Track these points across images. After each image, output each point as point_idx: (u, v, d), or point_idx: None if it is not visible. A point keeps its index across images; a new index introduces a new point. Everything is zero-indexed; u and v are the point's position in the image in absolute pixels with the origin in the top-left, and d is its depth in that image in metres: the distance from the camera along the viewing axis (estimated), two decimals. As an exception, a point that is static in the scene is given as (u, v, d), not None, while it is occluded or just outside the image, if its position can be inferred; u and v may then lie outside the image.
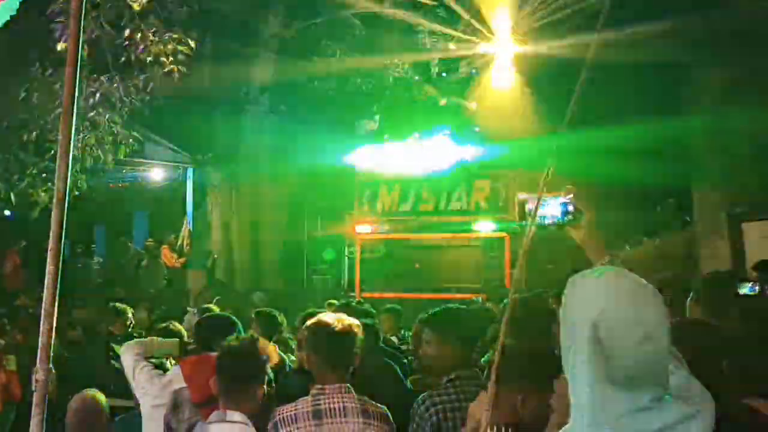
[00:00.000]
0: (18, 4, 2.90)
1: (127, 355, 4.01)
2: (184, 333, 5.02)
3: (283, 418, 2.94)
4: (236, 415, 2.90)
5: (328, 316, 3.35)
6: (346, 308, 4.79)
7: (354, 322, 3.23)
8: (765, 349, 3.00)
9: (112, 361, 6.61)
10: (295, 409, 2.96)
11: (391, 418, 3.06)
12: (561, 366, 1.75)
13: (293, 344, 4.99)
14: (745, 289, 5.70)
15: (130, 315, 7.12)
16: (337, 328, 3.11)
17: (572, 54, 8.50)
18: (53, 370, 1.69)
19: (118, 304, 7.33)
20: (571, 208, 10.49)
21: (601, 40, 2.15)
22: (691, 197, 9.33)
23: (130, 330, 7.10)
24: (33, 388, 1.67)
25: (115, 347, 6.82)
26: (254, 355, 3.07)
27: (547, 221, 10.45)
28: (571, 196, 10.45)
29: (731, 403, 2.64)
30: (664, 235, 10.17)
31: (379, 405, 3.06)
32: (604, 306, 1.64)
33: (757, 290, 5.69)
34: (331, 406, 2.94)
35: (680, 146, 9.05)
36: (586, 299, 1.68)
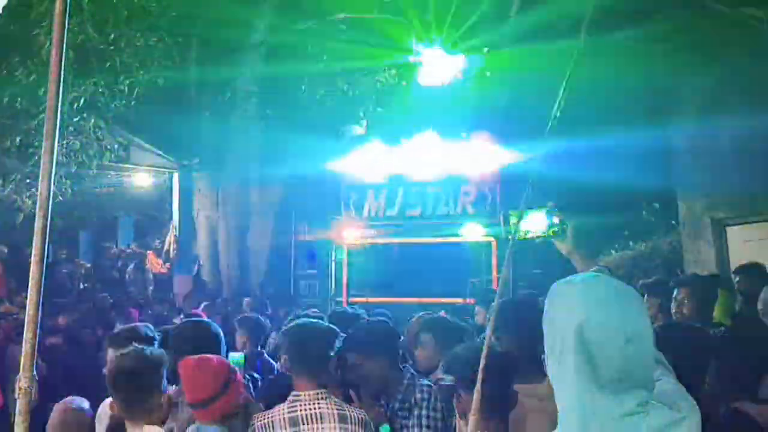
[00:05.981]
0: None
1: None
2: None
3: (261, 425, 2.99)
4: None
5: (302, 322, 3.42)
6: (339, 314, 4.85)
7: (328, 327, 3.27)
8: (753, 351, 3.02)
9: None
10: (272, 416, 3.00)
11: (371, 424, 3.07)
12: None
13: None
14: None
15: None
16: (308, 334, 3.17)
17: (558, 59, 8.49)
18: (37, 378, 1.66)
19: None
20: (556, 220, 10.47)
21: (586, 47, 2.16)
22: (677, 202, 9.39)
23: None
24: (16, 396, 1.65)
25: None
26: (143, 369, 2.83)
27: (531, 234, 10.41)
28: (555, 210, 10.43)
29: (718, 407, 2.66)
30: (649, 240, 10.23)
31: (358, 410, 3.08)
32: (586, 311, 1.65)
33: None
34: (307, 412, 2.97)
35: (665, 152, 9.11)
36: (569, 306, 1.69)
